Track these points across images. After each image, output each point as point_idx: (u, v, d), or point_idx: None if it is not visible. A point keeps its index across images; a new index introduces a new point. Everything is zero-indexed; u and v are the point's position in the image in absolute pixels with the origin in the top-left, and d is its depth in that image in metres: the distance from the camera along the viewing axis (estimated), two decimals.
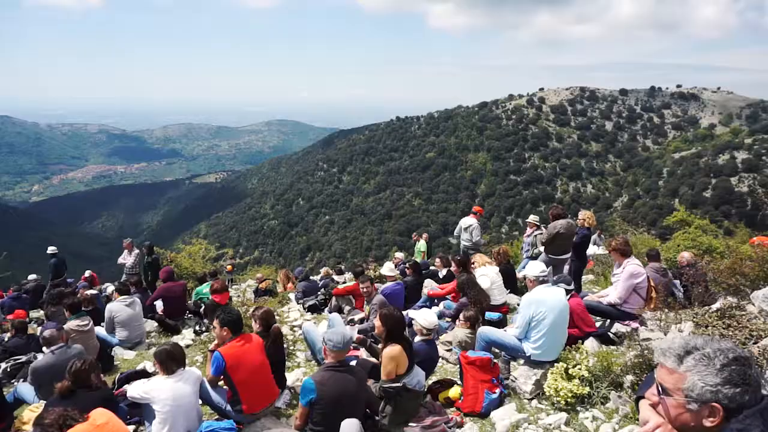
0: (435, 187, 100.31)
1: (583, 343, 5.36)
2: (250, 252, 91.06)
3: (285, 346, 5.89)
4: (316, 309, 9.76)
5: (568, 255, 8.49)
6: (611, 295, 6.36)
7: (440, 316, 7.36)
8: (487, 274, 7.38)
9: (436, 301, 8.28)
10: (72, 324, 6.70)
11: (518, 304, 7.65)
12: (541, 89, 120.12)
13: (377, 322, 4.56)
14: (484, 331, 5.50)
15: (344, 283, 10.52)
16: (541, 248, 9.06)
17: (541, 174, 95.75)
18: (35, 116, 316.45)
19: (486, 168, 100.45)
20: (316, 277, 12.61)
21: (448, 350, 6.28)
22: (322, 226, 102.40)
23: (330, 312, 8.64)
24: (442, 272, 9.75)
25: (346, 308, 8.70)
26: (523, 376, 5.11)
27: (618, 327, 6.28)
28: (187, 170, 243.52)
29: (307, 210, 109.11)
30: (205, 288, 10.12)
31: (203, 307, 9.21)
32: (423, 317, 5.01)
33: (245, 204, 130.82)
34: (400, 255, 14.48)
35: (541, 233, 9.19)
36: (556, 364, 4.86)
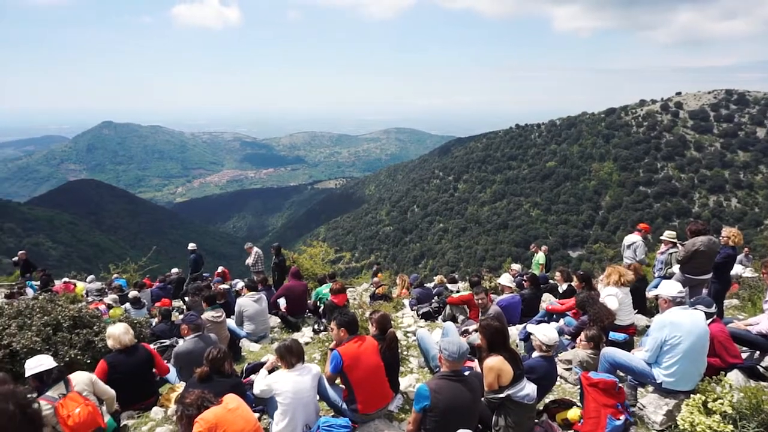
0: (555, 198, 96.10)
1: (725, 375, 4.79)
2: (366, 256, 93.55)
3: (399, 351, 5.97)
4: (429, 316, 9.78)
5: (708, 276, 7.65)
6: (763, 323, 5.65)
7: (560, 332, 7.01)
8: (614, 294, 6.88)
9: (555, 316, 7.91)
10: (208, 315, 7.36)
11: (647, 326, 7.07)
12: (678, 93, 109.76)
13: (478, 334, 4.47)
14: (609, 352, 5.13)
15: (458, 291, 10.44)
16: (676, 267, 8.28)
17: (675, 186, 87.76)
18: (181, 126, 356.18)
19: (612, 178, 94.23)
20: (430, 285, 12.64)
21: (567, 369, 5.98)
22: (435, 234, 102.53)
23: (444, 320, 8.61)
24: (563, 287, 9.33)
25: (460, 317, 8.62)
26: (652, 405, 4.71)
27: None
28: (310, 176, 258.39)
29: (421, 217, 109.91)
30: (324, 289, 10.58)
31: (322, 307, 9.63)
32: (543, 332, 4.80)
33: (362, 209, 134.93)
34: (516, 267, 14.06)
35: (677, 251, 8.40)
36: (692, 396, 4.39)
